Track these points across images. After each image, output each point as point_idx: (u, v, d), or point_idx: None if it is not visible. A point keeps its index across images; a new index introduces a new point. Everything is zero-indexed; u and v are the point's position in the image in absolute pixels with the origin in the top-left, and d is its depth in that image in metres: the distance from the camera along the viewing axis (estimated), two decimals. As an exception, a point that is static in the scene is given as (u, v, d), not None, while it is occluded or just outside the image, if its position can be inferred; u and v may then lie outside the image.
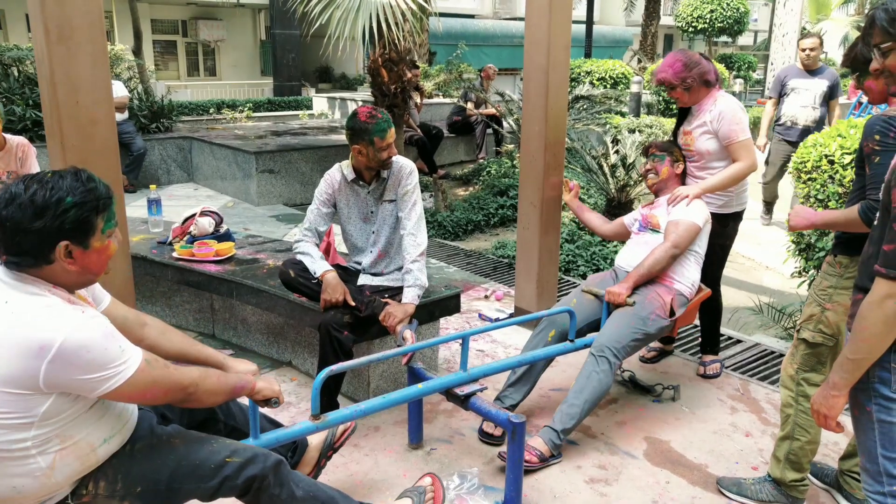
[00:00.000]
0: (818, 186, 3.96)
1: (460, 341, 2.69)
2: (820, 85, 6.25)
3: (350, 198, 3.07)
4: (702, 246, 3.18)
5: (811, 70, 6.28)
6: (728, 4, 17.26)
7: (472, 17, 23.65)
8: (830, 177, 3.92)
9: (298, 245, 3.05)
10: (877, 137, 2.03)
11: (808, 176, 4.05)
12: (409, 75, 8.02)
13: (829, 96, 6.28)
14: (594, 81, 11.02)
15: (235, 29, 21.02)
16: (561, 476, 2.75)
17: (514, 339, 3.98)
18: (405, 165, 3.01)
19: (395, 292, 2.99)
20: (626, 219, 3.55)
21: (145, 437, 1.79)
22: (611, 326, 2.93)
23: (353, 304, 2.85)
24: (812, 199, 4.01)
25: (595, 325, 3.15)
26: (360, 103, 11.23)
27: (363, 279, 3.11)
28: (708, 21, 17.42)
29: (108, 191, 1.63)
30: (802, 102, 6.29)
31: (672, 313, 3.03)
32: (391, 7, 5.87)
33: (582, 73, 11.25)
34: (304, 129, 9.83)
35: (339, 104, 12.33)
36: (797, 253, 4.46)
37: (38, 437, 1.56)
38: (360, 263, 3.16)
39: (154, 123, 8.77)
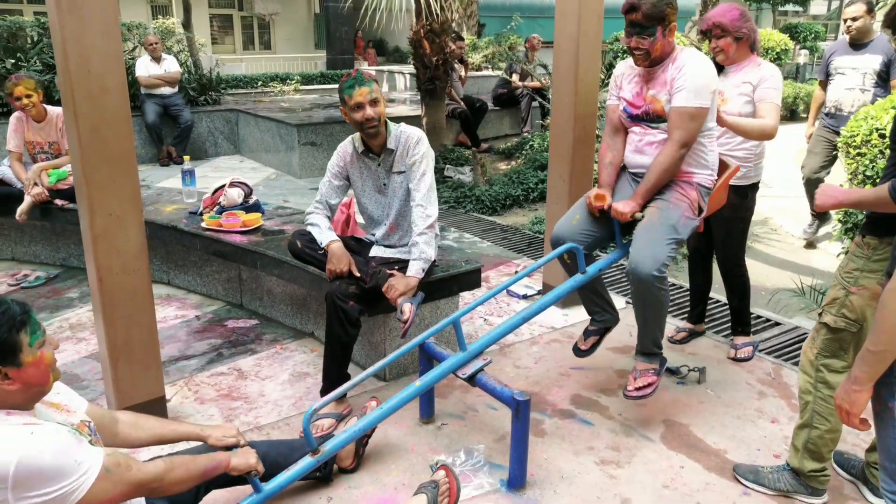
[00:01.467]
0: (867, 162, 3.74)
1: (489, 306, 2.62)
2: (870, 62, 4.95)
3: (363, 170, 3.03)
4: (712, 118, 2.80)
5: (859, 44, 5.01)
6: (795, -29, 16.39)
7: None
8: (881, 152, 3.69)
9: (309, 216, 3.04)
10: None
11: (857, 151, 3.82)
12: (453, 47, 7.91)
13: (886, 75, 4.95)
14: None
15: (290, 2, 21.11)
16: (571, 456, 2.69)
17: (548, 318, 3.89)
18: (412, 134, 2.95)
19: (406, 265, 2.95)
20: (612, 114, 2.94)
21: None
22: (643, 248, 2.64)
23: (358, 274, 2.83)
24: (860, 177, 3.78)
25: (610, 238, 2.96)
26: (408, 76, 11.17)
27: (375, 251, 3.08)
28: (774, -11, 16.60)
29: (24, 307, 1.64)
30: (848, 84, 5.05)
31: (700, 210, 2.79)
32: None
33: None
34: (350, 101, 9.82)
35: (388, 77, 12.29)
36: (844, 232, 4.24)
37: None
38: (374, 235, 3.13)
39: (202, 96, 8.92)
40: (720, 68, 3.18)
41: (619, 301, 4.13)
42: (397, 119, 8.38)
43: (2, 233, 4.85)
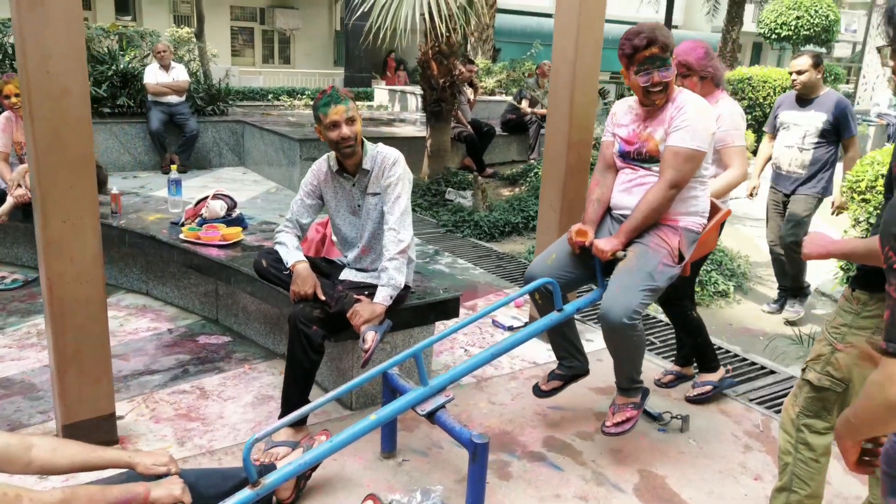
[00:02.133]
0: (871, 209, 3.58)
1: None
2: (813, 119, 4.50)
3: (337, 190, 2.92)
4: (708, 166, 2.69)
5: (805, 100, 4.57)
6: (816, 11, 16.29)
7: (549, 15, 23.25)
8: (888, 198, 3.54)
9: (277, 235, 2.93)
10: None
11: (862, 197, 3.67)
12: (463, 70, 7.85)
13: (833, 134, 4.47)
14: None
15: (311, 19, 21.27)
16: (535, 503, 2.53)
17: (530, 352, 3.73)
18: (388, 155, 2.83)
19: (376, 290, 2.81)
20: (606, 150, 2.82)
21: None
22: (616, 294, 2.53)
23: (323, 298, 2.70)
24: (864, 224, 3.63)
25: (587, 279, 2.85)
26: (419, 97, 11.13)
27: (346, 274, 2.95)
28: (793, 28, 16.51)
29: None
30: (787, 142, 4.62)
31: (681, 258, 2.64)
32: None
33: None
34: (358, 119, 9.78)
35: (399, 96, 12.27)
36: (846, 280, 4.07)
37: None
38: (347, 257, 3.01)
39: (210, 106, 8.89)
40: None
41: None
42: (403, 139, 8.35)
43: (-13, 233, 4.77)
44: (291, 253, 2.83)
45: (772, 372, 3.77)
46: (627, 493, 2.61)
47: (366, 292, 2.80)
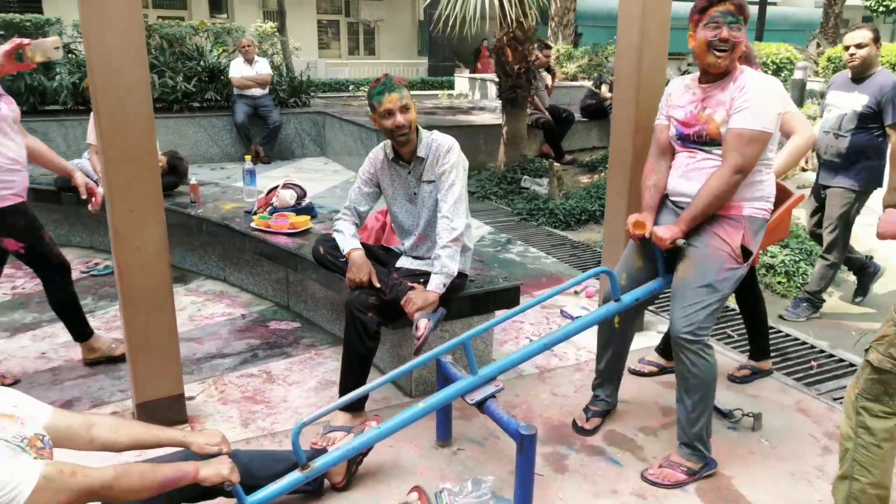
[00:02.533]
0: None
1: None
2: (853, 102, 3.97)
3: (394, 178, 2.92)
4: (773, 148, 2.50)
5: (857, 79, 4.02)
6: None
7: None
8: None
9: (336, 223, 2.96)
10: None
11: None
12: (539, 55, 7.72)
13: (874, 118, 3.92)
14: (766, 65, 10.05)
15: (395, 9, 21.49)
16: (590, 498, 2.46)
17: (591, 341, 3.64)
18: (443, 143, 2.81)
19: None
20: (660, 134, 2.68)
21: None
22: (678, 308, 2.47)
23: (378, 285, 2.71)
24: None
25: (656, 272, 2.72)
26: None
27: (402, 261, 2.96)
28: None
29: None
30: (825, 126, 4.13)
31: (747, 254, 2.48)
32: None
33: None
34: (436, 108, 9.81)
35: (480, 85, 12.21)
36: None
37: None
38: (404, 245, 3.01)
39: (293, 98, 9.12)
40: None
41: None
42: (479, 127, 8.29)
43: (80, 222, 5.07)
44: (348, 240, 2.85)
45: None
46: (689, 493, 2.50)
47: (421, 280, 2.79)
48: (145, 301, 2.64)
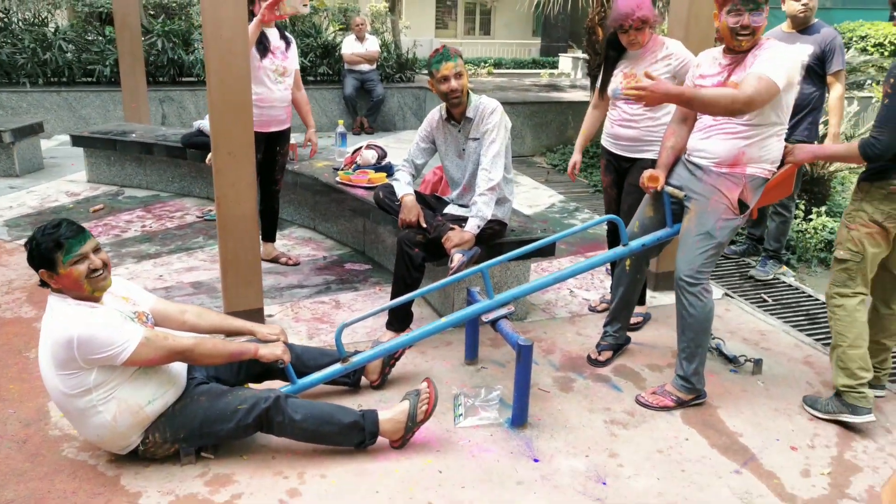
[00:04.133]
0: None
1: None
2: (801, 52, 3.92)
3: (447, 135, 3.40)
4: (784, 116, 2.75)
5: (800, 30, 4.10)
6: None
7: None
8: None
9: (396, 172, 3.48)
10: (892, 81, 2.43)
11: None
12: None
13: (818, 69, 4.00)
14: (868, 48, 9.69)
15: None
16: (584, 412, 2.87)
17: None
18: (488, 105, 3.25)
19: None
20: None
21: (182, 398, 2.43)
22: (680, 254, 2.83)
23: (424, 225, 3.21)
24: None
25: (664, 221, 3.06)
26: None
27: (449, 208, 3.44)
28: None
29: (67, 235, 2.22)
30: None
31: (743, 207, 2.78)
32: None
33: (855, 39, 9.95)
34: (532, 86, 10.13)
35: (582, 64, 12.37)
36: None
37: (99, 399, 2.25)
38: (453, 194, 3.49)
39: (398, 74, 9.74)
40: (619, 54, 3.38)
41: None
42: (567, 104, 8.55)
43: (202, 176, 5.88)
44: (402, 187, 3.37)
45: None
46: (674, 415, 2.86)
47: (462, 224, 3.27)
48: (236, 226, 3.28)
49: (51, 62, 8.36)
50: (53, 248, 2.21)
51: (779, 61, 2.62)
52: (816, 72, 4.06)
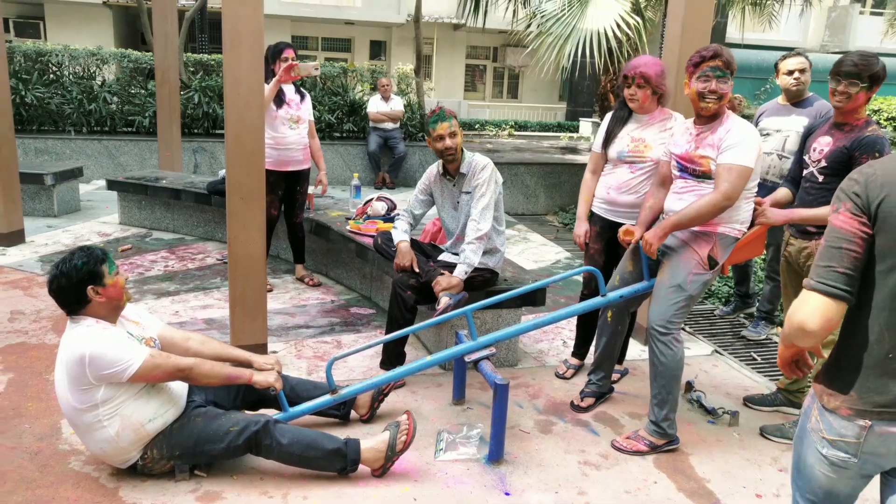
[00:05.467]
0: None
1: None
2: (794, 123, 4.16)
3: (443, 189, 3.65)
4: (754, 181, 2.94)
5: (793, 104, 4.26)
6: None
7: (791, 49, 22.03)
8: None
9: (395, 221, 3.73)
10: (877, 155, 2.86)
11: None
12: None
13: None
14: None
15: (536, 55, 22.40)
16: (560, 453, 3.01)
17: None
18: (479, 162, 3.50)
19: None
20: (662, 168, 3.19)
21: (181, 419, 2.65)
22: (653, 304, 3.00)
23: (417, 270, 3.43)
24: None
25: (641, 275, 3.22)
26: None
27: (443, 256, 3.67)
28: None
29: (104, 251, 2.53)
30: (766, 148, 4.27)
31: (713, 263, 2.95)
32: (600, 35, 6.23)
33: (868, 112, 10.14)
34: (549, 148, 10.45)
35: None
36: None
37: (105, 414, 2.48)
38: (447, 243, 3.72)
39: (421, 133, 10.13)
40: (629, 115, 3.46)
41: (702, 347, 4.24)
42: (582, 165, 8.81)
43: (224, 221, 6.18)
44: (399, 234, 3.61)
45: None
46: (647, 460, 2.98)
47: (452, 270, 3.48)
48: (245, 266, 3.53)
49: (95, 112, 8.92)
50: (100, 262, 2.49)
51: (744, 144, 2.84)
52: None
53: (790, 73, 4.16)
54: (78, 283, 2.47)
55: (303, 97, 4.90)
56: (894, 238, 1.51)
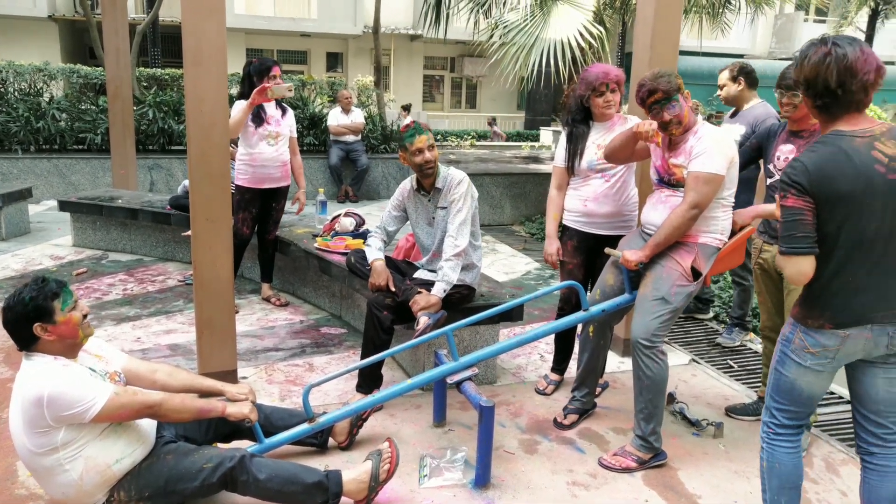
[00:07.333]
0: None
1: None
2: (734, 132, 4.15)
3: (417, 205, 3.55)
4: (730, 190, 2.94)
5: (733, 113, 4.37)
6: None
7: (740, 56, 22.58)
8: None
9: (368, 238, 3.61)
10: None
11: None
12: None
13: (754, 149, 3.49)
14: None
15: (498, 65, 22.53)
16: (547, 474, 2.92)
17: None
18: (455, 177, 3.41)
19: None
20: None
21: (150, 456, 2.48)
22: (637, 317, 2.94)
23: (393, 289, 3.32)
24: None
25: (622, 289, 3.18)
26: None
27: (419, 273, 3.56)
28: None
29: (59, 284, 2.33)
30: None
31: (697, 274, 2.92)
32: (564, 44, 6.22)
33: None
34: (513, 158, 10.44)
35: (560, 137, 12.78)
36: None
37: (66, 458, 2.29)
38: (423, 260, 3.62)
39: (383, 145, 10.03)
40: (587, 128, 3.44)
41: (680, 357, 4.22)
42: (547, 175, 8.80)
43: (185, 241, 5.98)
44: (373, 252, 3.50)
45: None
46: (635, 477, 2.92)
47: (430, 287, 3.38)
48: (212, 289, 3.37)
49: (43, 130, 8.59)
50: (51, 297, 2.29)
51: (711, 152, 2.84)
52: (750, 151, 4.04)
53: (721, 87, 4.33)
54: (23, 320, 2.28)
55: (284, 112, 4.77)
56: (829, 207, 2.03)
